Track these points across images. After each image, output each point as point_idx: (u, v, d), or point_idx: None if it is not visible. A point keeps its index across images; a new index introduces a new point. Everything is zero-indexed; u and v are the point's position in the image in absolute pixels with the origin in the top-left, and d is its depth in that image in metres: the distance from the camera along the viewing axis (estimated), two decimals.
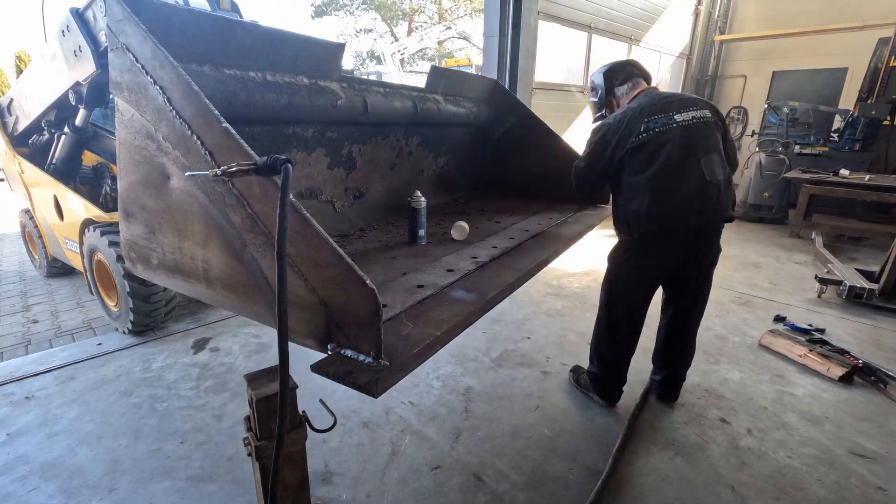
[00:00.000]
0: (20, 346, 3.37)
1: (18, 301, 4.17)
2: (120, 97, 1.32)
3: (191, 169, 1.20)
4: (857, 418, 2.48)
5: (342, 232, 2.22)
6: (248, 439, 1.39)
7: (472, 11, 24.03)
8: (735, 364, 3.01)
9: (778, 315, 3.69)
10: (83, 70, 2.34)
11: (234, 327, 3.45)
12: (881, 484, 2.05)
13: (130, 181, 1.42)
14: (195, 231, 1.30)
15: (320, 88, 1.99)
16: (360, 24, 26.55)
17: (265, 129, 1.94)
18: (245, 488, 1.97)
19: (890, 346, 3.28)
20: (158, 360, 2.99)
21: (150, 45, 1.17)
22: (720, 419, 2.47)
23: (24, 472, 2.06)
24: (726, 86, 9.93)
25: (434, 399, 2.62)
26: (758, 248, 5.70)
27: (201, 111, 1.12)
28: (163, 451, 2.20)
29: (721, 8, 9.57)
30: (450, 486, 2.01)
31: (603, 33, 7.31)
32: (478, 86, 3.04)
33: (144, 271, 1.54)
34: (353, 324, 1.06)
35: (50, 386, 2.71)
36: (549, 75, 6.73)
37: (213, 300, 1.38)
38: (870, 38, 7.28)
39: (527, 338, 3.34)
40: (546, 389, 2.72)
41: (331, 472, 2.08)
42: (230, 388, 2.69)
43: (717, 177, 2.04)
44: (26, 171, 3.70)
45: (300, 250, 1.06)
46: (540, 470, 2.11)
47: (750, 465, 2.15)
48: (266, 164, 0.99)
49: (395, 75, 16.70)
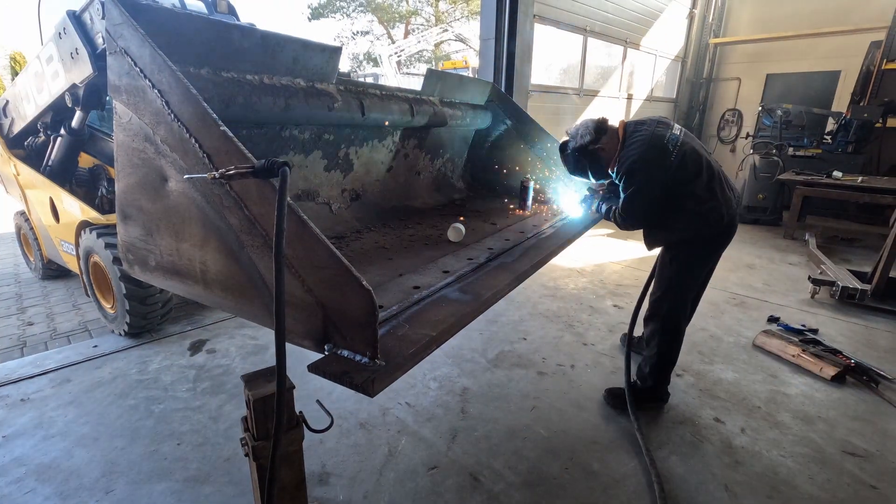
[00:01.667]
0: (16, 348, 3.35)
1: (14, 303, 4.15)
2: (118, 100, 1.33)
3: (189, 171, 1.21)
4: (850, 417, 2.51)
5: (339, 234, 2.23)
6: (246, 439, 1.40)
7: (468, 14, 24.10)
8: (729, 364, 3.03)
9: (772, 316, 3.72)
10: (80, 72, 2.35)
11: (231, 329, 3.45)
12: (872, 482, 2.08)
13: (128, 183, 1.43)
14: (193, 233, 1.31)
15: (317, 91, 2.01)
16: (357, 27, 26.55)
17: (262, 132, 1.96)
18: (242, 489, 1.97)
19: (882, 345, 3.32)
20: (155, 362, 2.99)
21: (149, 49, 1.18)
22: (714, 419, 2.49)
23: (20, 475, 2.05)
24: (721, 88, 9.99)
25: (431, 400, 2.63)
26: (752, 250, 5.75)
27: (199, 114, 1.13)
28: (159, 452, 2.20)
29: (715, 11, 9.65)
30: (446, 487, 2.02)
31: (598, 36, 7.36)
32: (474, 88, 3.06)
33: (142, 273, 1.55)
34: (350, 324, 1.07)
35: (46, 388, 2.70)
36: (544, 78, 6.77)
37: (211, 301, 1.39)
38: (862, 41, 7.35)
39: (523, 339, 3.36)
40: (542, 390, 2.74)
41: (328, 472, 2.09)
42: (227, 390, 2.69)
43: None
44: (22, 172, 3.69)
45: (297, 252, 1.07)
46: (536, 470, 2.12)
47: (743, 463, 2.18)
48: (264, 167, 1.00)
49: (391, 77, 16.72)
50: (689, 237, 2.29)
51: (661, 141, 2.13)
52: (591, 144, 2.28)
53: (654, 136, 2.15)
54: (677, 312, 2.42)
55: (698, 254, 2.34)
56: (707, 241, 2.31)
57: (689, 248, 2.32)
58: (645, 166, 2.13)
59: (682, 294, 2.40)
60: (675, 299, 2.39)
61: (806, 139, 7.42)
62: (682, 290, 2.39)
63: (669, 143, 2.14)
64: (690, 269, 2.37)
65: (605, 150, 2.29)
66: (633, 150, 2.15)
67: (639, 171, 2.14)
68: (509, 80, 5.64)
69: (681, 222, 2.25)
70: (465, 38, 16.75)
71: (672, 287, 2.39)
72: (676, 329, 2.45)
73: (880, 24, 7.14)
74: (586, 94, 7.50)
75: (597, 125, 2.29)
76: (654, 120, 2.27)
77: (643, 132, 2.18)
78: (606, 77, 7.97)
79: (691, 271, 2.37)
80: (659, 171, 2.13)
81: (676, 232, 2.29)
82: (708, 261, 2.40)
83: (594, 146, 2.29)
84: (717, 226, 2.23)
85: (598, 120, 2.32)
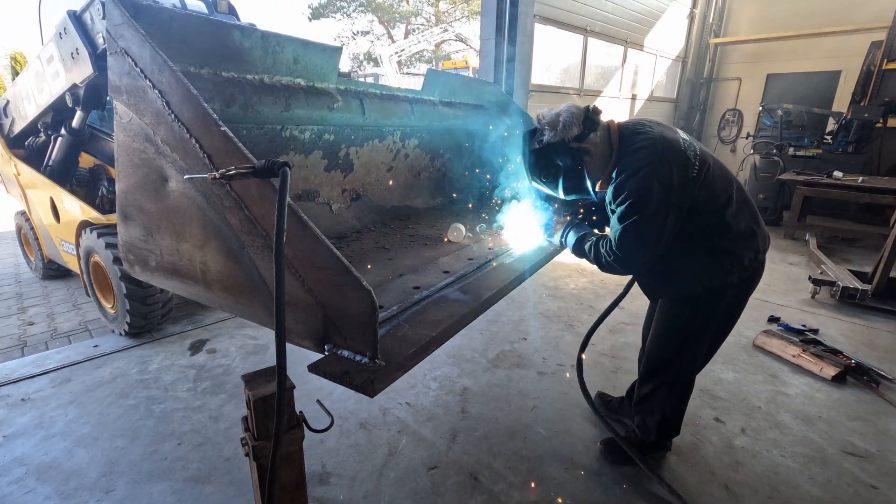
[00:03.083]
0: (16, 348, 3.35)
1: (14, 303, 4.16)
2: (119, 100, 1.33)
3: (189, 172, 1.21)
4: (850, 417, 2.51)
5: (339, 234, 2.23)
6: (246, 439, 1.40)
7: (469, 14, 24.11)
8: (730, 364, 3.03)
9: (772, 316, 3.72)
10: (80, 72, 2.35)
11: (231, 329, 3.45)
12: (873, 482, 2.07)
13: (129, 183, 1.43)
14: (193, 233, 1.31)
15: (318, 91, 2.01)
16: (358, 27, 26.57)
17: (263, 132, 1.96)
18: (242, 489, 1.97)
19: (882, 346, 3.32)
20: (155, 362, 2.99)
21: (149, 50, 1.18)
22: (715, 419, 2.49)
23: (21, 474, 2.06)
24: (721, 88, 10.00)
25: (431, 400, 2.63)
26: None
27: (200, 115, 1.13)
28: (160, 452, 2.20)
29: (716, 11, 9.65)
30: (446, 487, 2.02)
31: (599, 36, 7.36)
32: (474, 88, 3.06)
33: (142, 273, 1.55)
34: (350, 325, 1.07)
35: (46, 388, 2.71)
36: (545, 78, 6.77)
37: (211, 301, 1.39)
38: (862, 41, 7.35)
39: (523, 339, 3.36)
40: (542, 390, 2.74)
41: (328, 472, 2.09)
42: (227, 390, 2.69)
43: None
44: (22, 172, 3.69)
45: (297, 252, 1.07)
46: (536, 470, 2.12)
47: (744, 463, 2.17)
48: (264, 167, 1.00)
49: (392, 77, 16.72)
50: (717, 285, 1.69)
51: (678, 148, 1.54)
52: (576, 141, 1.65)
53: (665, 142, 1.56)
54: (692, 368, 1.92)
55: (729, 303, 1.76)
56: (740, 288, 1.74)
57: (716, 299, 1.73)
58: (658, 184, 1.49)
59: (703, 350, 1.89)
60: (693, 356, 1.88)
61: (806, 139, 7.43)
62: (704, 346, 1.88)
63: (688, 150, 1.56)
64: (718, 323, 1.82)
65: (591, 154, 1.67)
66: (637, 161, 1.54)
67: (648, 191, 1.50)
68: (510, 79, 5.64)
69: (705, 266, 1.66)
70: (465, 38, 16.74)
71: (688, 345, 1.84)
72: (689, 382, 1.97)
73: (881, 24, 7.14)
74: (587, 95, 7.51)
75: (586, 114, 1.66)
76: (653, 122, 1.70)
77: (648, 135, 1.59)
78: (607, 77, 7.97)
79: (719, 325, 1.84)
80: (678, 191, 1.51)
81: (699, 279, 1.69)
82: (741, 308, 1.83)
83: (578, 144, 1.65)
84: (751, 266, 1.69)
85: (588, 107, 1.68)
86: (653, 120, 1.73)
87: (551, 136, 1.66)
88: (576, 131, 1.64)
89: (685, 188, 1.53)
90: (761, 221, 1.73)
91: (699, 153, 1.59)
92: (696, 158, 1.56)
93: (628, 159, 1.58)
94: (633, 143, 1.60)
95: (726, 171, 1.67)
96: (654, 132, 1.61)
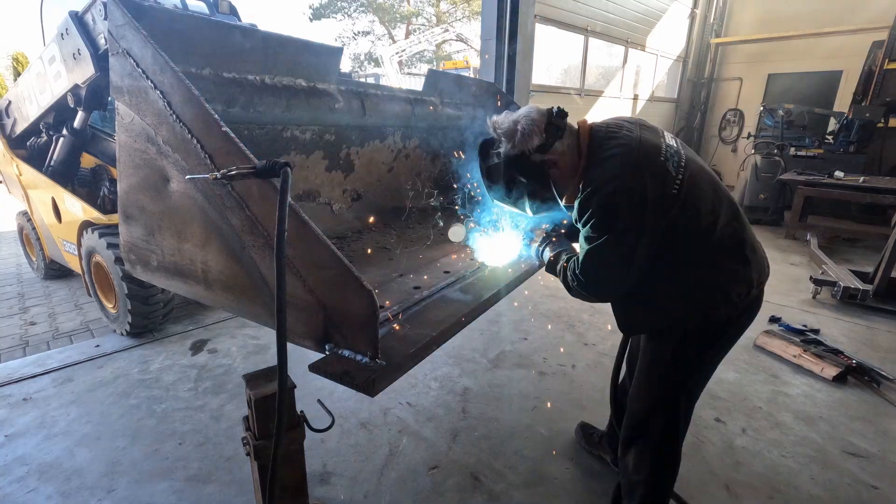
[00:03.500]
0: (18, 347, 3.36)
1: (16, 303, 4.17)
2: (120, 101, 1.33)
3: (190, 172, 1.21)
4: (851, 417, 2.51)
5: (340, 234, 2.24)
6: (247, 439, 1.41)
7: (469, 14, 24.13)
8: (730, 364, 3.03)
9: (773, 316, 3.71)
10: (82, 73, 2.36)
11: (233, 329, 3.46)
12: (874, 482, 2.07)
13: (130, 184, 1.43)
14: (195, 233, 1.31)
15: (318, 91, 2.01)
16: (358, 27, 26.61)
17: (264, 132, 1.96)
18: (243, 488, 1.98)
19: (883, 346, 3.31)
20: (157, 362, 3.00)
21: (151, 50, 1.19)
22: (715, 419, 2.49)
23: (23, 474, 2.06)
24: (722, 88, 9.98)
25: (432, 400, 2.64)
26: None
27: (201, 115, 1.14)
28: (161, 452, 2.20)
29: (716, 11, 9.64)
30: (447, 486, 2.03)
31: (600, 36, 7.36)
32: (475, 88, 3.07)
33: (144, 273, 1.55)
34: (351, 324, 1.08)
35: (48, 388, 2.71)
36: (545, 78, 6.77)
37: (212, 301, 1.40)
38: (864, 41, 7.33)
39: (524, 339, 3.36)
40: (543, 390, 2.74)
41: (329, 472, 2.09)
42: (228, 390, 2.70)
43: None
44: (24, 173, 3.70)
45: (298, 252, 1.08)
46: (537, 470, 2.13)
47: (744, 464, 2.17)
48: (265, 168, 1.01)
49: (393, 77, 16.74)
50: (697, 322, 1.42)
51: (656, 157, 1.30)
52: (539, 152, 1.40)
53: (642, 149, 1.31)
54: (677, 427, 1.54)
55: (715, 344, 1.48)
56: (727, 326, 1.45)
57: (699, 339, 1.45)
58: (627, 200, 1.26)
59: (688, 402, 1.54)
60: (676, 411, 1.52)
61: (808, 139, 7.42)
62: (689, 399, 1.54)
63: (669, 162, 1.31)
64: (702, 368, 1.52)
65: (558, 165, 1.41)
66: (605, 171, 1.31)
67: (615, 207, 1.27)
68: (510, 80, 5.64)
69: (685, 298, 1.40)
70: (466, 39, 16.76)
71: (670, 396, 1.51)
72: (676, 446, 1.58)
73: (882, 24, 7.12)
74: (587, 95, 7.50)
75: (548, 119, 1.40)
76: (634, 122, 1.43)
77: (622, 139, 1.34)
78: (608, 77, 7.97)
79: (703, 370, 1.52)
80: (652, 209, 1.27)
81: (675, 314, 1.42)
82: (728, 347, 1.54)
83: (541, 155, 1.40)
84: (741, 300, 1.39)
85: (550, 110, 1.42)
86: (636, 119, 1.46)
87: (509, 149, 1.41)
88: (537, 141, 1.38)
89: (661, 206, 1.27)
90: (759, 248, 1.45)
91: (684, 165, 1.33)
92: (678, 171, 1.31)
93: (596, 170, 1.34)
94: (605, 150, 1.35)
95: (717, 186, 1.40)
96: (630, 136, 1.35)
